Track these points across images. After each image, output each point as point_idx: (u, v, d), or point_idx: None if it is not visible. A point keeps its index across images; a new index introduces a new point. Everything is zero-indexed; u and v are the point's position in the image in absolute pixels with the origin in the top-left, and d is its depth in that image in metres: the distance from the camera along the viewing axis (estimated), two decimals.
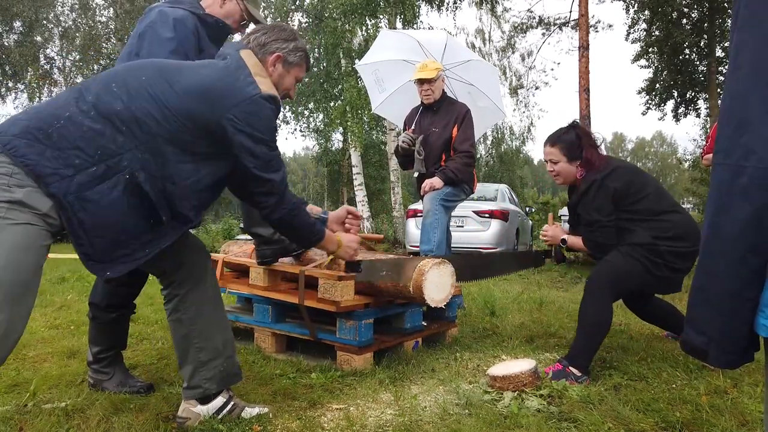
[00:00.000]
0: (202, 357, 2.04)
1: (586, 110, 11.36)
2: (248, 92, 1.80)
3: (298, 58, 2.05)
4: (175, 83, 1.76)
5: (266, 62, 1.98)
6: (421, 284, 2.54)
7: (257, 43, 1.98)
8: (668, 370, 2.73)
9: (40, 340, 3.39)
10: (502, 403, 2.29)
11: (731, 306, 0.83)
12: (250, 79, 1.83)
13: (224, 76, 1.81)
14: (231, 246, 3.67)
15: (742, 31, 0.78)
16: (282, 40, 2.01)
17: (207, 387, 2.04)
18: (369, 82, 5.12)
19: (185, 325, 2.03)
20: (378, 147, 21.47)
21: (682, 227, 2.68)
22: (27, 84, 22.22)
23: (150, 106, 1.71)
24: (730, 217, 0.79)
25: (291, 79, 2.07)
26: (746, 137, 0.77)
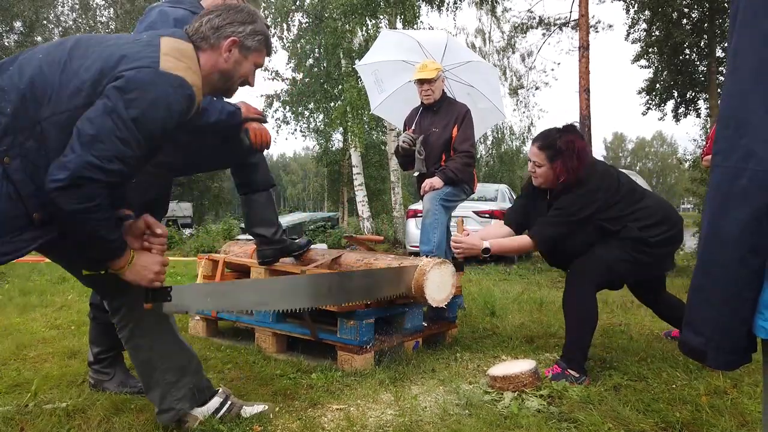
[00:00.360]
0: (169, 378, 1.96)
1: (587, 110, 11.36)
2: (144, 62, 1.57)
3: (257, 42, 1.84)
4: (74, 58, 1.60)
5: (220, 47, 1.77)
6: (423, 284, 2.54)
7: (210, 26, 1.77)
8: (668, 370, 2.73)
9: (40, 341, 3.40)
10: (502, 404, 2.29)
11: (730, 307, 0.83)
12: (153, 54, 1.60)
13: (128, 46, 1.62)
14: (232, 246, 3.67)
15: (740, 33, 0.78)
16: (238, 23, 1.80)
17: (179, 407, 1.99)
18: (368, 82, 5.13)
19: (145, 350, 1.96)
20: (378, 147, 21.46)
21: (659, 211, 2.71)
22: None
23: (41, 83, 1.55)
24: (730, 218, 0.79)
25: (249, 65, 1.85)
26: (746, 139, 0.77)
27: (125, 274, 1.73)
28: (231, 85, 1.88)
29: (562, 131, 2.75)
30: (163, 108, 1.59)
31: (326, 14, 13.58)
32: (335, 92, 15.09)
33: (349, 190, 23.20)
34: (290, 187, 64.97)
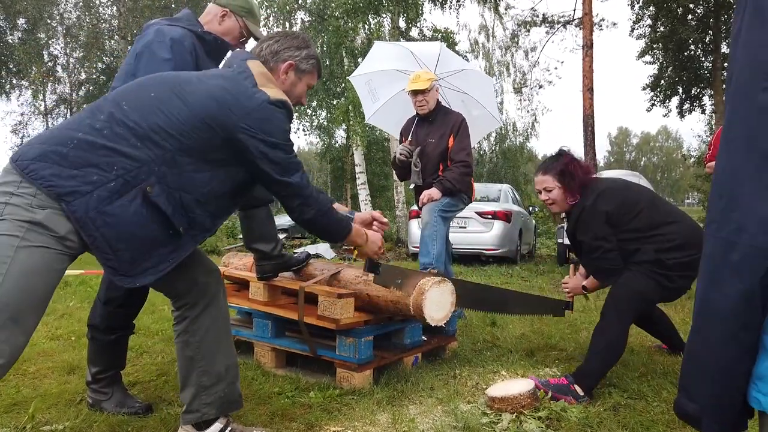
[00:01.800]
0: (204, 381, 2.03)
1: (590, 109, 11.30)
2: (257, 99, 1.81)
3: (310, 66, 2.07)
4: (185, 96, 1.78)
5: (278, 70, 2.00)
6: (421, 303, 2.53)
7: (270, 51, 2.00)
8: (668, 387, 2.72)
9: (40, 353, 3.40)
10: (500, 426, 2.28)
11: (724, 379, 0.82)
12: (254, 87, 1.84)
13: (231, 86, 1.83)
14: (231, 258, 3.67)
15: (734, 104, 0.76)
16: (294, 48, 2.02)
17: (205, 412, 2.03)
18: (362, 92, 5.12)
19: (192, 347, 2.03)
20: (381, 144, 21.44)
21: (682, 236, 2.66)
22: (31, 81, 22.28)
23: (161, 121, 1.74)
24: (723, 293, 0.78)
25: (303, 86, 2.08)
26: (737, 213, 0.76)
27: (363, 248, 2.31)
28: None
29: (558, 155, 2.90)
30: (287, 122, 1.91)
31: (328, 13, 13.54)
32: (338, 90, 15.05)
33: (352, 186, 23.19)
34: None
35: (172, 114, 1.75)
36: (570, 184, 2.78)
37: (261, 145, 1.81)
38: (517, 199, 11.59)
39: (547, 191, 2.84)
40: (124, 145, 1.69)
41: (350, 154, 19.82)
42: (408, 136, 4.10)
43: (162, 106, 1.76)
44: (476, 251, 9.31)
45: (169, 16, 2.67)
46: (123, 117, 1.73)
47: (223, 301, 2.12)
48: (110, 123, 1.71)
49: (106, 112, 1.74)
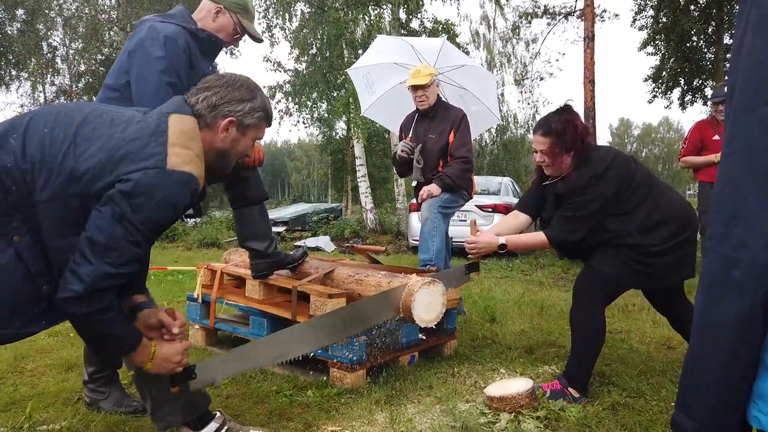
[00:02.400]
0: (161, 394, 1.98)
1: (591, 102, 11.24)
2: (150, 162, 1.53)
3: (256, 119, 1.80)
4: (79, 140, 1.55)
5: (217, 126, 1.73)
6: (410, 305, 2.49)
7: (207, 104, 1.72)
8: (668, 386, 2.70)
9: (39, 350, 3.40)
10: (498, 426, 2.27)
11: (723, 397, 0.80)
12: (159, 149, 1.56)
13: (133, 139, 1.57)
14: (231, 255, 3.66)
15: (736, 118, 0.74)
16: (236, 102, 1.75)
17: (170, 420, 2.00)
18: (360, 85, 5.08)
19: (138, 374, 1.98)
20: (382, 136, 21.36)
21: (668, 210, 2.52)
22: (30, 73, 22.21)
23: (40, 164, 1.50)
24: (724, 309, 0.76)
25: (247, 141, 1.82)
26: (740, 228, 0.73)
27: (148, 368, 1.72)
28: (227, 162, 1.83)
29: (559, 112, 2.63)
30: (170, 207, 1.58)
31: (328, 4, 13.44)
32: (338, 82, 14.97)
33: (353, 178, 23.13)
34: (294, 173, 64.90)
35: (54, 158, 1.52)
36: (569, 147, 2.56)
37: (113, 207, 1.50)
38: (517, 192, 11.55)
39: (543, 153, 2.62)
40: (5, 184, 1.49)
41: (351, 146, 19.76)
42: (408, 132, 4.07)
43: (47, 147, 1.53)
44: None
45: (168, 8, 2.62)
46: (3, 152, 1.51)
47: None
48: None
49: (19, 135, 1.55)
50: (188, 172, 1.59)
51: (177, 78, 2.27)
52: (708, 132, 4.94)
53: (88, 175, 1.52)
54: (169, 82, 2.24)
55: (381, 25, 12.68)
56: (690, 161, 4.96)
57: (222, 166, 1.82)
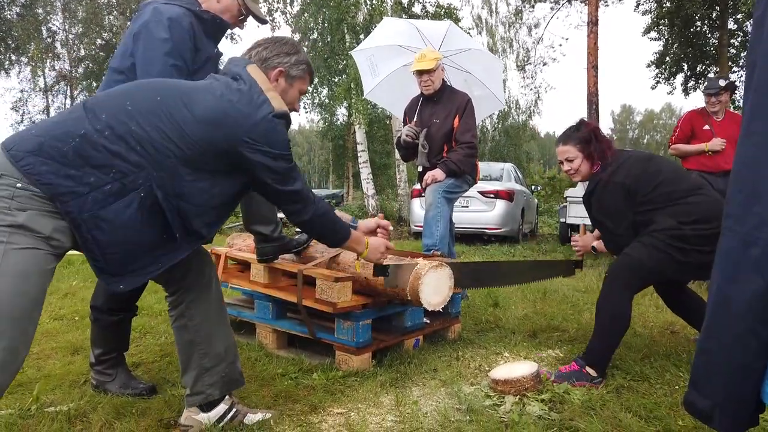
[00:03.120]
0: (205, 363, 2.05)
1: (594, 87, 11.17)
2: (262, 113, 1.78)
3: (301, 71, 2.03)
4: (193, 107, 1.74)
5: (269, 77, 1.95)
6: (418, 288, 2.51)
7: (259, 58, 1.97)
8: (671, 369, 2.72)
9: (44, 334, 3.42)
10: (503, 408, 2.28)
11: (738, 375, 0.80)
12: (263, 97, 1.81)
13: (239, 99, 1.79)
14: (235, 239, 3.66)
15: (757, 95, 0.73)
16: (284, 54, 1.99)
17: (209, 393, 2.06)
18: (363, 68, 5.05)
19: (190, 331, 2.05)
20: (383, 122, 21.30)
21: (705, 209, 2.54)
22: (30, 58, 22.09)
23: (165, 127, 1.70)
24: (740, 287, 0.75)
25: (294, 92, 2.05)
26: (759, 207, 0.73)
27: (365, 255, 2.30)
28: None
29: (579, 125, 2.85)
30: (284, 131, 1.87)
31: None
32: (339, 67, 14.90)
33: (354, 164, 23.12)
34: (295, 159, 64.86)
35: (177, 122, 1.71)
36: (592, 153, 2.74)
37: (263, 158, 1.79)
38: (519, 178, 11.55)
39: (569, 161, 2.80)
40: (124, 148, 1.65)
41: (352, 132, 19.70)
42: (412, 116, 4.04)
43: (167, 112, 1.72)
44: (478, 230, 9.29)
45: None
46: (126, 119, 1.68)
47: (216, 285, 2.13)
48: (112, 123, 1.66)
49: (107, 111, 1.69)
50: (284, 110, 1.87)
51: (182, 60, 2.25)
52: (698, 122, 5.00)
53: (208, 133, 1.73)
54: (173, 64, 2.22)
55: (383, 9, 12.57)
56: (680, 149, 5.04)
57: None
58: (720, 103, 4.89)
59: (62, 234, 1.63)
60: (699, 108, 5.11)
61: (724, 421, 0.84)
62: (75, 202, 1.59)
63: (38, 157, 1.58)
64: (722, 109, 4.95)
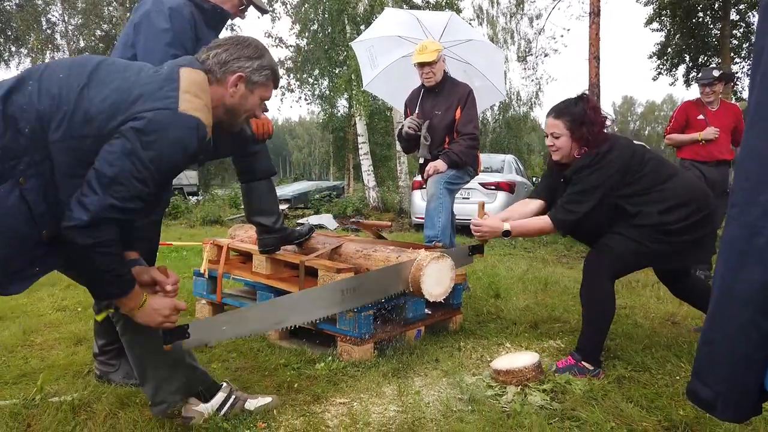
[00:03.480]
0: (161, 373, 2.00)
1: (596, 78, 11.11)
2: (163, 104, 1.60)
3: (264, 77, 1.86)
4: (93, 83, 1.60)
5: (227, 82, 1.79)
6: (419, 279, 2.51)
7: (217, 60, 1.79)
8: (672, 360, 2.72)
9: (47, 324, 3.43)
10: (505, 398, 2.29)
11: (741, 365, 0.80)
12: (172, 93, 1.62)
13: (147, 83, 1.63)
14: (237, 231, 3.66)
15: (764, 81, 0.73)
16: (245, 58, 1.82)
17: (172, 400, 2.02)
18: (363, 59, 5.03)
19: (137, 346, 1.99)
20: (384, 114, 21.24)
21: (683, 190, 2.55)
22: (29, 49, 22.02)
23: (57, 105, 1.56)
24: (744, 277, 0.76)
25: (255, 99, 1.87)
26: (764, 197, 0.73)
27: (136, 315, 1.77)
28: (236, 119, 1.90)
29: (577, 99, 2.68)
30: (180, 149, 1.62)
31: None
32: (340, 59, 14.84)
33: (355, 156, 23.07)
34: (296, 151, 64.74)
35: (67, 101, 1.56)
36: (581, 135, 2.60)
37: (124, 143, 1.54)
38: (520, 170, 11.53)
39: (555, 137, 2.65)
40: (11, 128, 1.52)
41: (353, 124, 19.65)
42: (414, 108, 4.03)
43: (64, 92, 1.57)
44: None
45: None
46: (20, 96, 1.56)
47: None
48: (6, 100, 1.55)
49: (6, 87, 1.58)
50: (198, 117, 1.64)
51: (183, 50, 2.24)
52: (693, 112, 5.05)
53: (102, 116, 1.57)
54: (174, 54, 2.21)
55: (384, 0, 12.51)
56: (675, 139, 5.10)
57: (231, 122, 1.89)
58: (714, 93, 4.92)
59: None
60: (694, 99, 5.17)
61: (726, 410, 0.85)
62: None
63: None
64: (717, 99, 4.99)
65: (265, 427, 2.05)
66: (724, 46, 17.90)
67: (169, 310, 1.81)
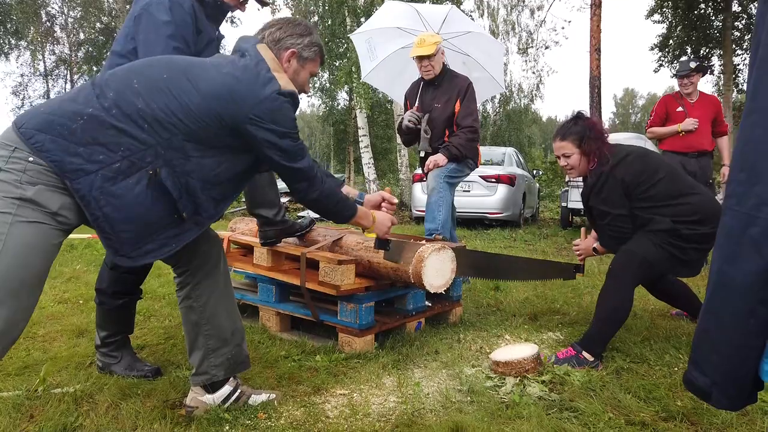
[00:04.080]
0: (211, 344, 2.08)
1: (597, 71, 11.08)
2: (268, 90, 1.79)
3: (313, 53, 2.03)
4: (198, 83, 1.75)
5: (281, 58, 1.95)
6: (420, 271, 2.53)
7: (272, 38, 1.96)
8: (671, 351, 2.74)
9: (49, 317, 3.45)
10: (504, 389, 2.31)
11: (737, 354, 0.81)
12: (269, 75, 1.81)
13: (245, 76, 1.80)
14: (239, 223, 3.67)
15: (760, 72, 0.73)
16: (297, 36, 1.98)
17: (214, 374, 2.09)
18: (362, 51, 5.02)
19: (196, 312, 2.07)
20: (384, 106, 21.21)
21: (702, 209, 2.62)
22: (29, 41, 21.96)
23: (172, 105, 1.71)
24: (740, 267, 0.76)
25: (306, 74, 2.04)
26: (759, 187, 0.74)
27: (372, 228, 2.34)
28: None
29: (575, 119, 2.83)
30: (292, 114, 1.88)
31: None
32: (340, 51, 14.79)
33: (356, 149, 23.05)
34: None
35: (183, 99, 1.72)
36: (589, 149, 2.73)
37: (269, 135, 1.80)
38: (521, 162, 11.52)
39: (566, 157, 2.80)
40: (132, 126, 1.67)
41: (353, 116, 19.62)
42: (413, 101, 4.03)
43: (173, 89, 1.73)
44: (480, 215, 9.30)
45: None
46: (133, 97, 1.70)
47: (224, 267, 2.15)
48: (119, 102, 1.68)
49: (114, 89, 1.71)
50: (292, 89, 1.86)
51: (184, 43, 2.25)
52: (672, 104, 5.17)
53: (216, 110, 1.74)
54: (175, 47, 2.22)
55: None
56: (656, 131, 5.25)
57: None
58: (692, 85, 5.07)
59: (69, 211, 1.65)
60: (673, 92, 5.32)
61: (721, 398, 0.86)
62: (84, 179, 1.61)
63: (47, 135, 1.60)
64: (695, 91, 5.12)
65: (265, 417, 2.07)
66: (726, 38, 17.85)
67: (390, 221, 2.42)
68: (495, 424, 1.98)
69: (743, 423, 2.00)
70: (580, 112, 2.89)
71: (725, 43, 17.91)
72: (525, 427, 1.95)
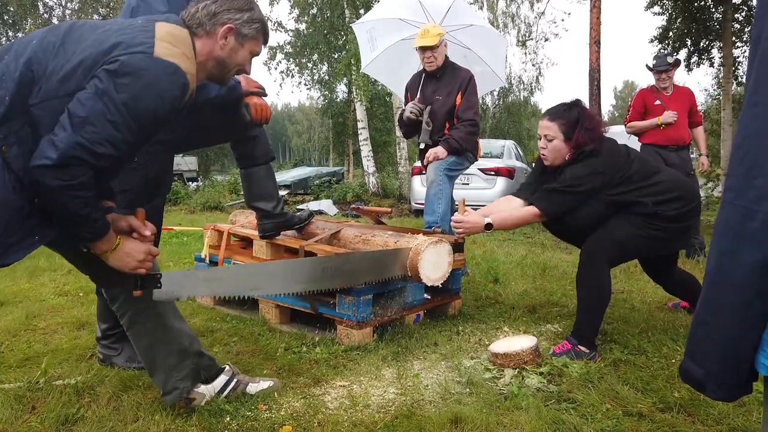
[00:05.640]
0: (170, 361, 2.02)
1: (597, 63, 11.04)
2: (138, 48, 1.55)
3: (254, 30, 1.83)
4: (68, 44, 1.58)
5: (216, 34, 1.76)
6: (417, 264, 2.53)
7: (207, 12, 1.76)
8: (668, 343, 2.76)
9: (49, 309, 3.46)
10: (502, 381, 2.33)
11: (732, 346, 0.82)
12: (147, 40, 1.58)
13: (121, 32, 1.59)
14: (238, 216, 3.68)
15: (762, 65, 0.73)
16: (235, 10, 1.78)
17: (183, 387, 2.04)
18: (363, 41, 5.01)
19: (145, 336, 2.00)
20: (383, 99, 21.14)
21: (677, 186, 2.66)
22: (26, 34, 21.84)
23: (34, 69, 1.54)
24: (739, 260, 0.77)
25: (245, 53, 1.84)
26: (760, 180, 0.74)
27: (109, 258, 1.73)
28: (226, 73, 1.88)
29: (572, 104, 2.74)
30: (155, 94, 1.58)
31: None
32: (339, 43, 14.75)
33: (355, 142, 23.00)
34: (295, 137, 64.42)
35: (47, 61, 1.54)
36: (575, 141, 2.63)
37: (97, 83, 1.52)
38: (520, 155, 11.52)
39: (548, 140, 2.68)
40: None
41: (352, 109, 19.58)
42: (415, 92, 4.02)
43: (41, 55, 1.55)
44: (479, 207, 9.30)
45: None
46: (2, 65, 1.55)
47: None
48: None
49: (11, 51, 1.59)
50: (175, 63, 1.60)
51: None
52: (650, 98, 5.23)
53: (79, 70, 1.54)
54: None
55: None
56: (636, 125, 5.32)
57: (221, 76, 1.87)
58: (669, 79, 5.17)
59: None
60: (648, 86, 5.39)
61: (716, 389, 0.87)
62: None
63: None
64: (671, 85, 5.22)
65: (266, 409, 2.08)
66: (726, 30, 17.76)
67: (144, 254, 1.77)
68: (493, 415, 2.00)
69: (740, 414, 2.02)
70: (578, 100, 2.78)
71: (725, 35, 17.83)
72: (523, 418, 1.96)
